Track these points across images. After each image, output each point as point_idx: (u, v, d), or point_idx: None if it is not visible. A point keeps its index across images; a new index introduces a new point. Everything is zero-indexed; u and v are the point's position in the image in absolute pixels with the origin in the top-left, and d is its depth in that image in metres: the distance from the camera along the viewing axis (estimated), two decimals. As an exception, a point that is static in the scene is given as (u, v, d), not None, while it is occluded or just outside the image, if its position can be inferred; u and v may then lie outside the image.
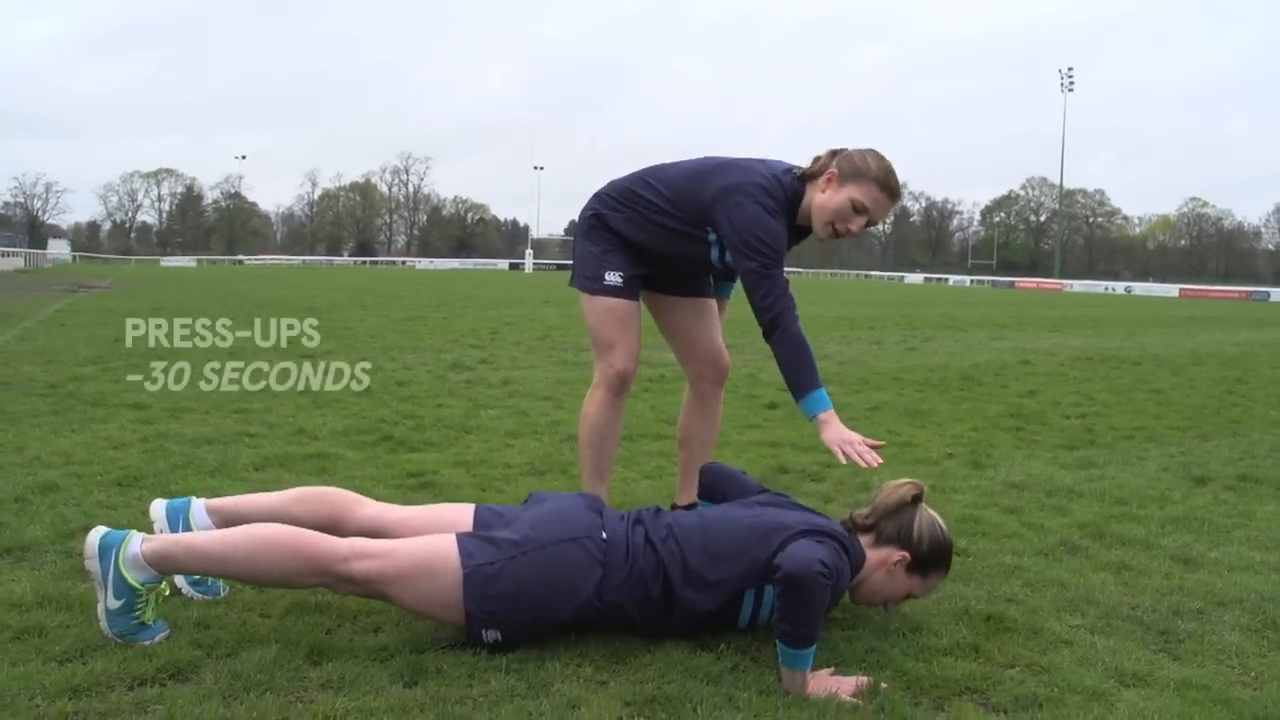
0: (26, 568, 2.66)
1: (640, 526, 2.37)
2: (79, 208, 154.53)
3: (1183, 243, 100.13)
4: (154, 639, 2.18)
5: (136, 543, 2.18)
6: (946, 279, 76.28)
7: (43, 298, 16.96)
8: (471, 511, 2.43)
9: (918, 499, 2.45)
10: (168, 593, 2.32)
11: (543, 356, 8.91)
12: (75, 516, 3.11)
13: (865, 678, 2.12)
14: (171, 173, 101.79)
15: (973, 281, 73.18)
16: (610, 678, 2.13)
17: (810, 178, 2.83)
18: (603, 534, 2.31)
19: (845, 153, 2.81)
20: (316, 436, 4.70)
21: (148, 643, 2.16)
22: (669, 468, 4.04)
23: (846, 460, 2.55)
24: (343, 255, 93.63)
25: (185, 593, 2.46)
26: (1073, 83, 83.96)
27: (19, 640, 2.17)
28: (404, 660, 2.14)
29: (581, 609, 2.25)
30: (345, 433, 4.81)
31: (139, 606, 2.17)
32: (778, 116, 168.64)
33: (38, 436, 4.45)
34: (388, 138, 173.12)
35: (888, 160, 2.79)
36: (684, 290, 3.17)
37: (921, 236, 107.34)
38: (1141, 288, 63.44)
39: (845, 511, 2.61)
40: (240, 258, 78.92)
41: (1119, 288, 65.05)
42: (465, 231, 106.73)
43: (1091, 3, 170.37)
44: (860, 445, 2.55)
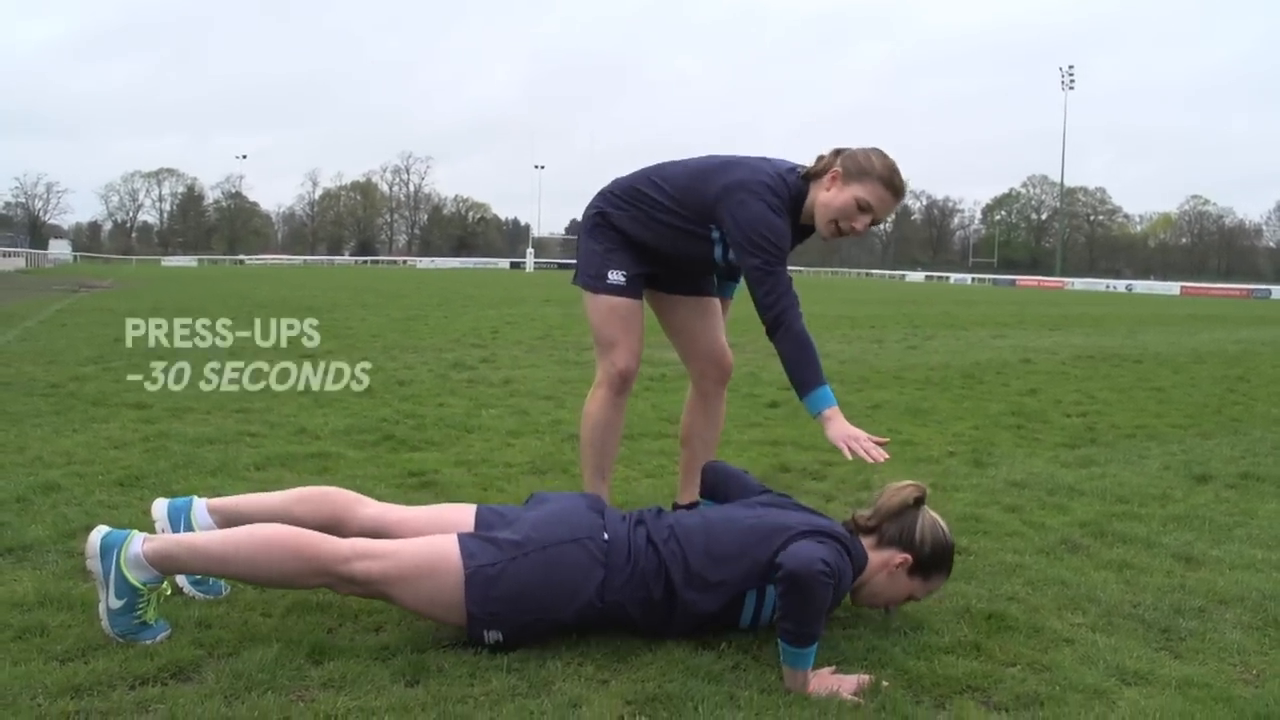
0: (28, 567, 2.67)
1: (642, 527, 2.37)
2: (80, 208, 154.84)
3: (1184, 241, 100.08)
4: (155, 638, 2.18)
5: (138, 542, 2.19)
6: (947, 277, 76.25)
7: (44, 298, 16.97)
8: (473, 512, 2.43)
9: (920, 501, 2.45)
10: (169, 592, 2.32)
11: (544, 356, 8.92)
12: (77, 516, 3.11)
13: (866, 676, 2.12)
14: (172, 172, 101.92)
15: (974, 280, 73.11)
16: (612, 676, 2.13)
17: (814, 176, 2.83)
18: (604, 535, 2.31)
19: (849, 151, 2.81)
20: (318, 436, 4.70)
21: (149, 642, 2.17)
22: (670, 467, 4.04)
23: (852, 456, 2.54)
24: (344, 255, 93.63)
25: (187, 592, 2.47)
26: (1073, 81, 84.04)
27: (21, 639, 2.18)
28: (405, 659, 2.15)
29: (583, 610, 2.25)
30: (346, 432, 4.81)
31: (140, 606, 2.17)
32: (778, 115, 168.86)
33: (39, 436, 4.46)
34: (388, 137, 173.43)
35: (891, 159, 2.78)
36: (688, 289, 3.17)
37: (922, 235, 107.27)
38: (1143, 286, 63.37)
39: (847, 512, 2.60)
40: (241, 257, 78.98)
41: (1120, 286, 64.98)
42: (466, 231, 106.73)
43: (1092, 1, 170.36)
44: (866, 441, 2.55)
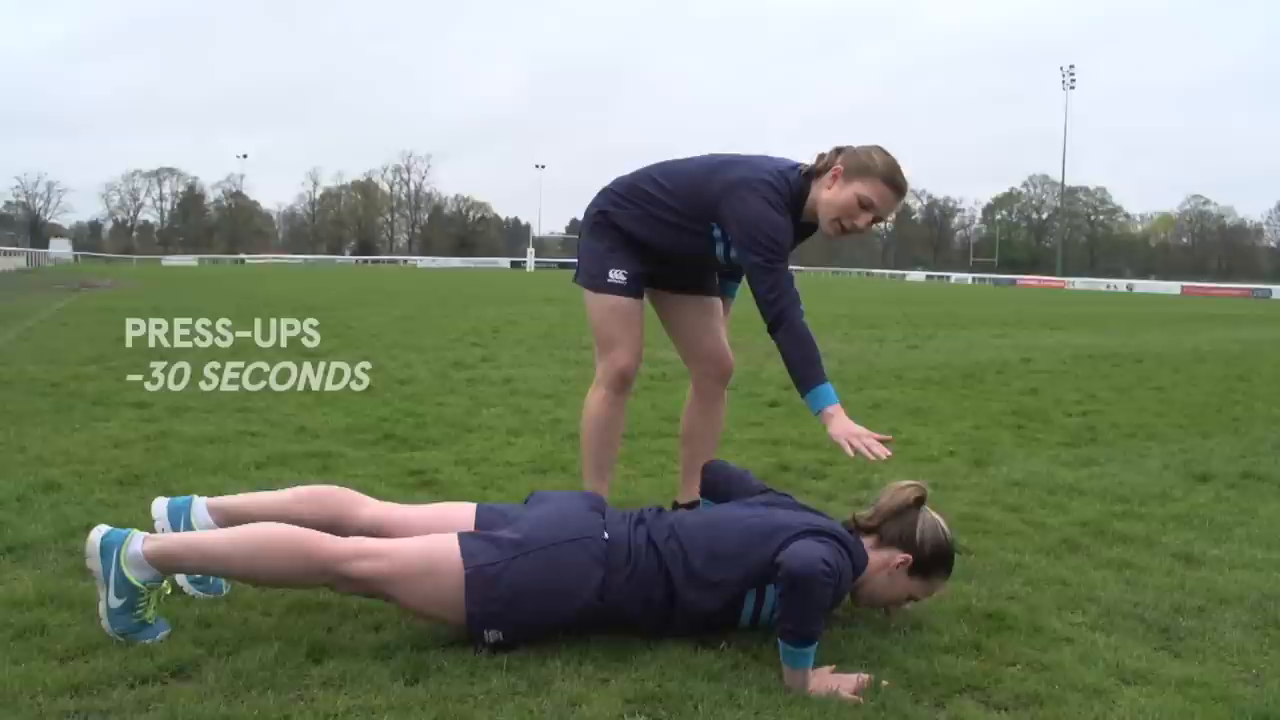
0: (28, 566, 2.67)
1: (642, 526, 2.37)
2: (81, 207, 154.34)
3: (1184, 240, 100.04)
4: (155, 637, 2.18)
5: (138, 542, 2.19)
6: (948, 277, 76.25)
7: (44, 297, 16.98)
8: (473, 511, 2.43)
9: (920, 501, 2.45)
10: (169, 591, 2.32)
11: (544, 355, 8.92)
12: (77, 515, 3.11)
13: (866, 675, 2.12)
14: (173, 172, 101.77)
15: (974, 279, 73.06)
16: (611, 675, 2.13)
17: (816, 174, 2.83)
18: (605, 534, 2.31)
19: (851, 149, 2.81)
20: (318, 435, 4.70)
21: (149, 641, 2.17)
22: (671, 466, 4.04)
23: (854, 454, 2.53)
24: (344, 254, 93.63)
25: (187, 591, 2.46)
26: (1074, 80, 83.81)
27: (21, 639, 2.18)
28: (405, 658, 2.14)
29: (583, 609, 2.25)
30: (347, 431, 4.81)
31: (140, 605, 2.17)
32: (780, 115, 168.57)
33: (39, 435, 4.46)
34: (389, 136, 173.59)
35: (893, 156, 2.78)
36: (690, 289, 3.17)
37: (923, 234, 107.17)
38: (1143, 285, 63.33)
39: (848, 512, 2.60)
40: (242, 257, 78.93)
41: (1121, 285, 64.93)
42: (467, 230, 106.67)
43: (1092, 1, 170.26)
44: (868, 438, 2.54)
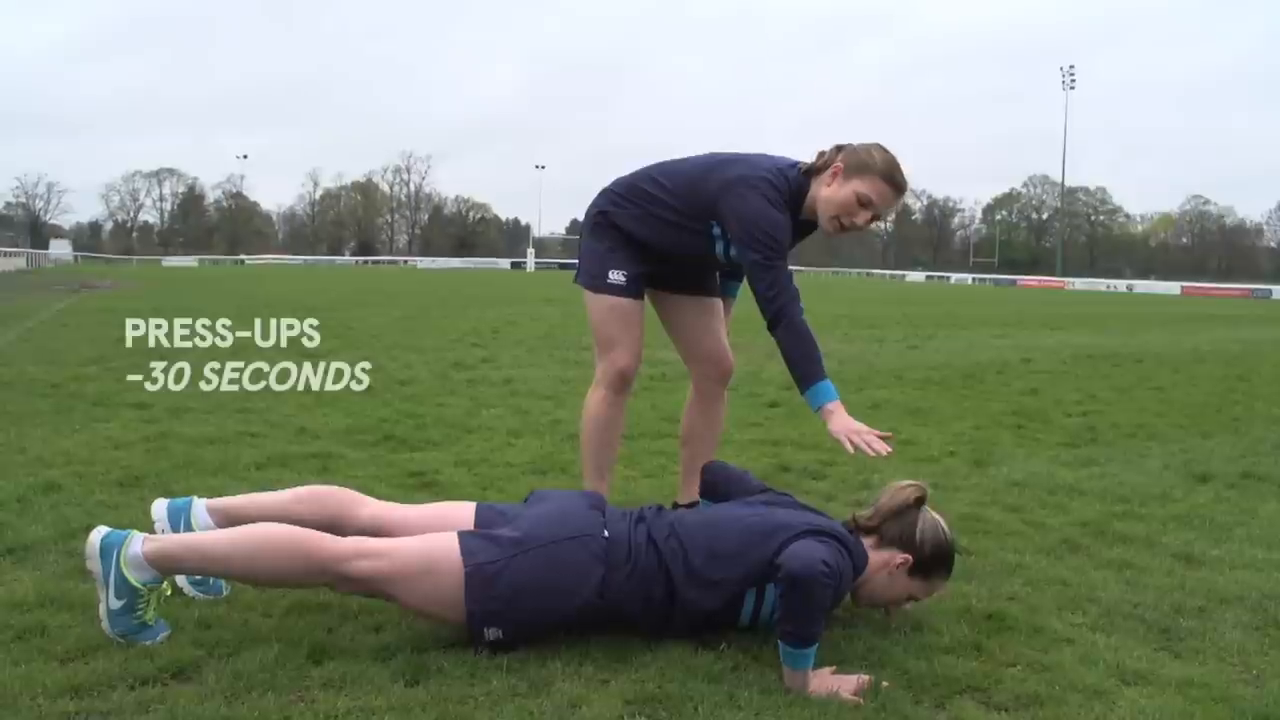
0: (28, 567, 2.67)
1: (643, 525, 2.37)
2: (81, 208, 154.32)
3: (1184, 240, 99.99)
4: (155, 639, 2.18)
5: (138, 543, 2.19)
6: (948, 277, 76.23)
7: (45, 298, 16.97)
8: (473, 510, 2.43)
9: (921, 501, 2.45)
10: (169, 592, 2.32)
11: (544, 355, 8.92)
12: (77, 516, 3.11)
13: (866, 676, 2.12)
14: (173, 172, 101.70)
15: (974, 279, 73.08)
16: (612, 676, 2.13)
17: (815, 172, 2.83)
18: (605, 532, 2.31)
19: (851, 147, 2.81)
20: (318, 436, 4.70)
21: (149, 642, 2.16)
22: (671, 466, 4.04)
23: (854, 450, 2.53)
24: (344, 255, 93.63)
25: (187, 592, 2.46)
26: (1074, 80, 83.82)
27: (21, 640, 2.18)
28: (405, 659, 2.14)
29: (583, 607, 2.25)
30: (347, 432, 4.81)
31: (140, 606, 2.17)
32: (779, 114, 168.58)
33: (40, 436, 4.46)
34: (389, 137, 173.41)
35: (893, 154, 2.78)
36: (690, 289, 3.17)
37: (923, 234, 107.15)
38: (1143, 285, 63.31)
39: (848, 513, 2.60)
40: (242, 257, 78.91)
41: (1121, 285, 64.92)
42: (467, 231, 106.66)
43: (1092, 1, 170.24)
44: (868, 435, 2.54)
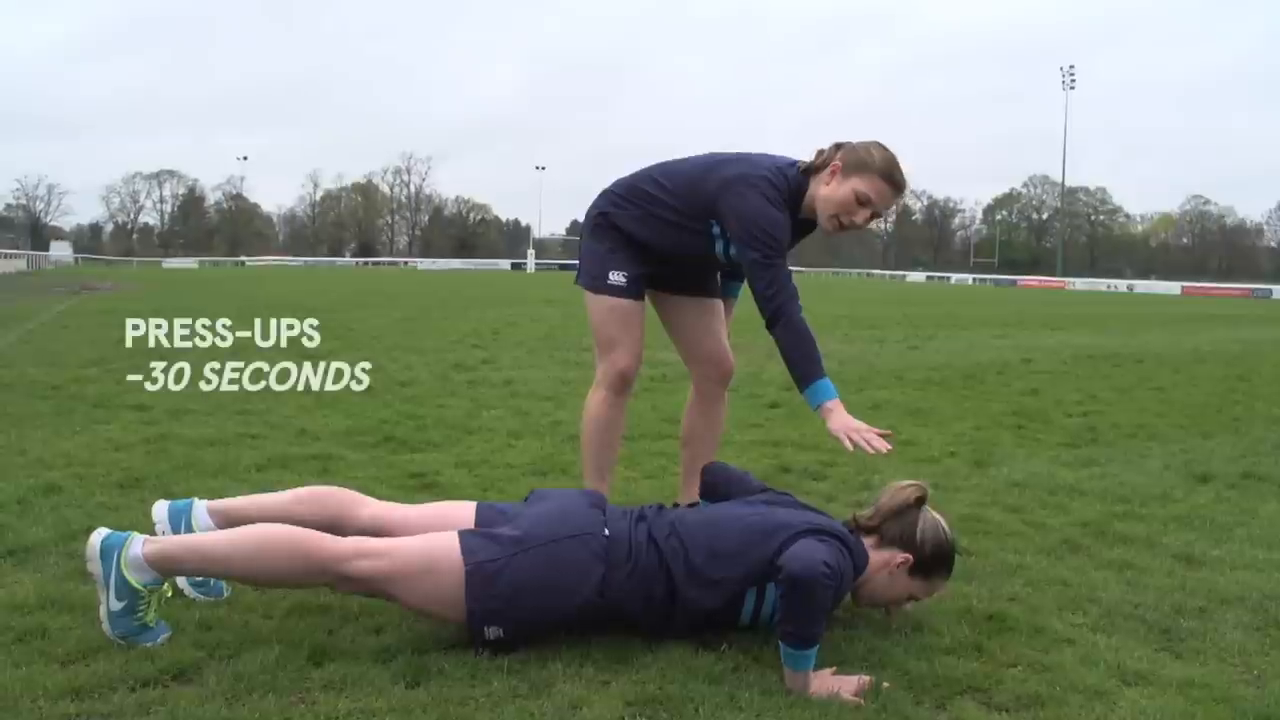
0: (29, 569, 2.67)
1: (643, 524, 2.37)
2: (81, 209, 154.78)
3: (1185, 240, 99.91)
4: (156, 640, 2.18)
5: (138, 544, 2.19)
6: (948, 277, 76.20)
7: (45, 300, 16.98)
8: (473, 509, 2.43)
9: (921, 501, 2.45)
10: (170, 594, 2.32)
11: (545, 356, 8.92)
12: (77, 518, 3.11)
13: (867, 677, 2.12)
14: (173, 174, 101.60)
15: (975, 280, 73.04)
16: (612, 678, 2.13)
17: (814, 171, 2.83)
18: (605, 531, 2.31)
19: (849, 145, 2.81)
20: (318, 437, 4.70)
21: (150, 644, 2.17)
22: (671, 468, 4.04)
23: (854, 448, 2.52)
24: (345, 256, 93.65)
25: (187, 594, 2.46)
26: (1074, 81, 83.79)
27: (21, 642, 2.18)
28: (406, 661, 2.14)
29: (584, 606, 2.25)
30: (347, 433, 4.81)
31: (141, 608, 2.17)
32: (780, 114, 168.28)
33: (40, 438, 4.46)
34: (389, 138, 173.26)
35: (892, 152, 2.78)
36: (691, 290, 3.16)
37: (923, 235, 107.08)
38: (1144, 286, 63.27)
39: (848, 513, 2.60)
40: (242, 259, 78.84)
41: (1121, 286, 64.89)
42: (467, 232, 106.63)
43: (1092, 1, 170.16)
44: (868, 433, 2.53)
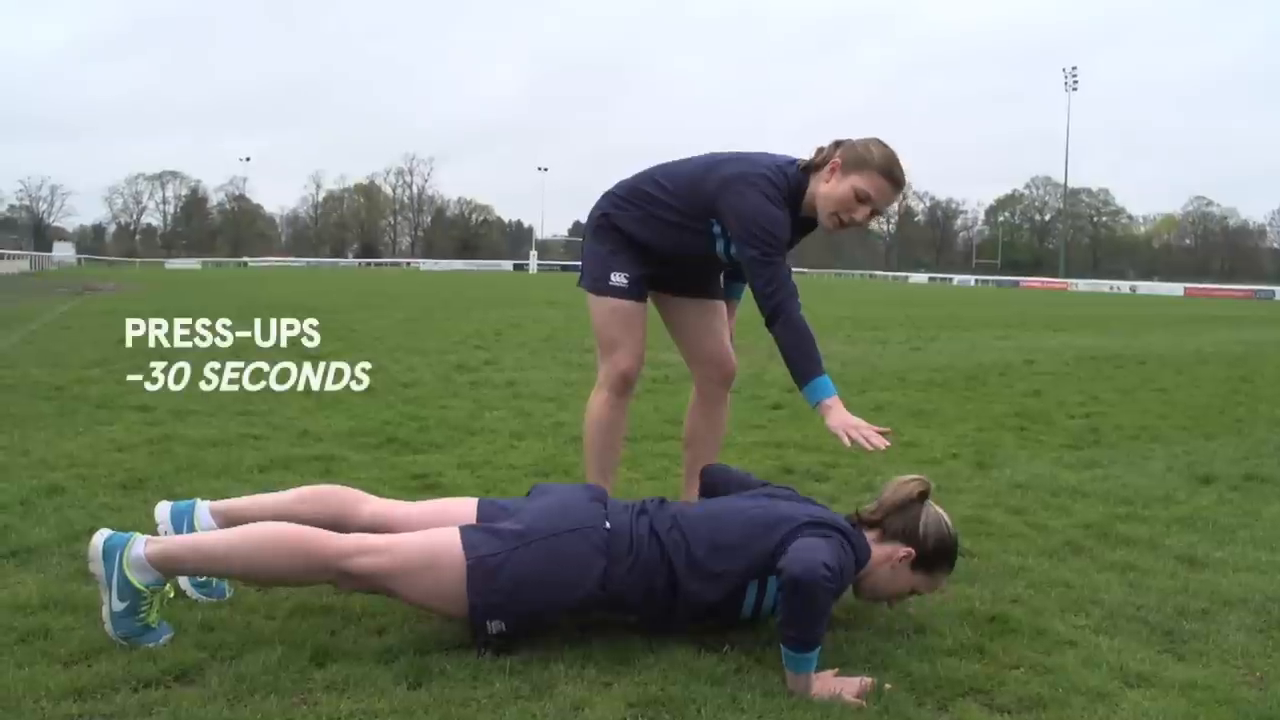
0: (32, 570, 2.67)
1: (645, 517, 2.37)
2: (84, 210, 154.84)
3: (1187, 241, 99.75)
4: (158, 641, 2.18)
5: (140, 545, 2.19)
6: (951, 279, 76.11)
7: (48, 300, 17.00)
8: (474, 505, 2.43)
9: (924, 495, 2.45)
10: (172, 595, 2.32)
11: (547, 358, 8.92)
12: (80, 519, 3.11)
13: (869, 679, 2.12)
14: (176, 175, 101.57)
15: (977, 281, 73.00)
16: (614, 679, 2.13)
17: (814, 169, 2.82)
18: (606, 524, 2.31)
19: (849, 143, 2.80)
20: (321, 438, 4.71)
21: (152, 645, 2.17)
22: (673, 469, 4.04)
23: (851, 445, 2.52)
24: (347, 257, 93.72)
25: (190, 595, 2.47)
26: (1076, 81, 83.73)
27: (24, 642, 2.18)
28: (408, 662, 2.15)
29: (585, 599, 2.25)
30: (349, 434, 4.81)
31: (143, 608, 2.18)
32: (780, 115, 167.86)
33: (43, 439, 4.46)
34: (391, 139, 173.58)
35: (891, 149, 2.77)
36: (693, 292, 3.16)
37: (926, 236, 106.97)
38: (1146, 287, 63.20)
39: (851, 507, 2.60)
40: (245, 260, 78.89)
41: (1124, 287, 64.82)
42: (469, 233, 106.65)
43: (1095, 1, 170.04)
44: (866, 429, 2.52)
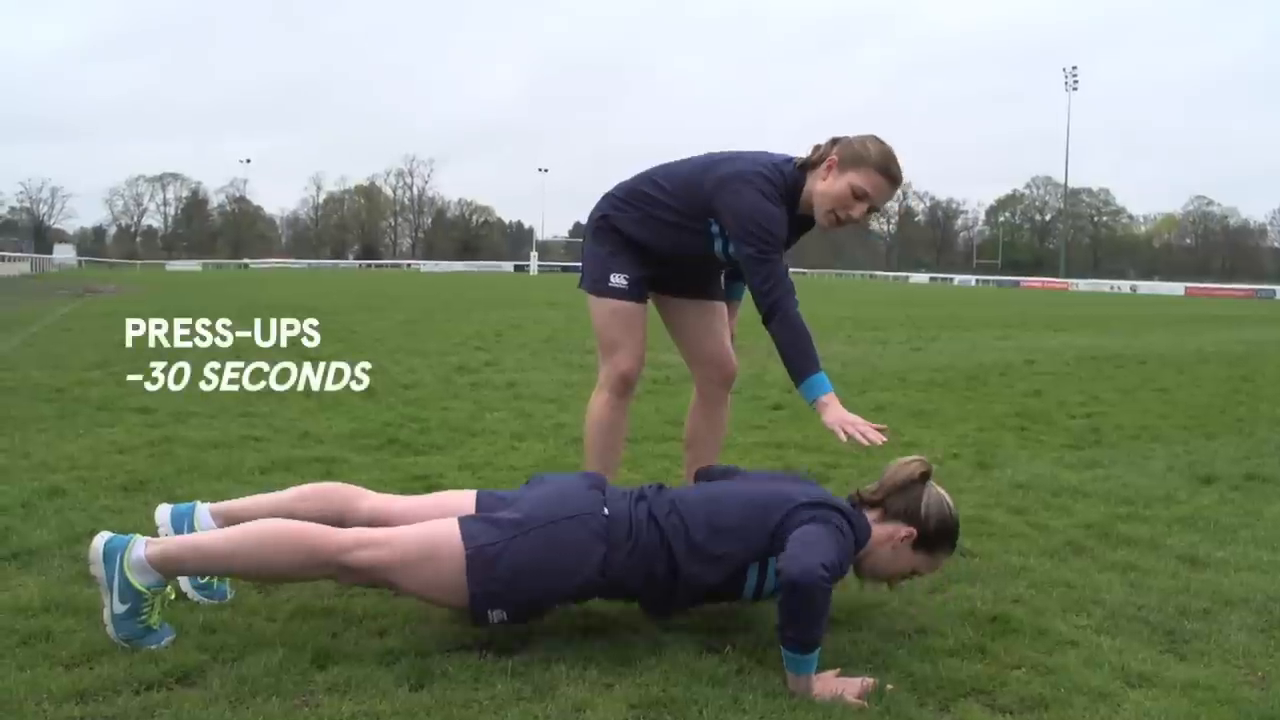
0: (33, 572, 2.67)
1: (643, 503, 2.37)
2: (85, 212, 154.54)
3: (1188, 241, 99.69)
4: (160, 643, 2.18)
5: (140, 547, 2.19)
6: (951, 279, 76.10)
7: (49, 303, 17.00)
8: (473, 497, 2.43)
9: (926, 476, 2.45)
10: (173, 596, 2.33)
11: (548, 359, 8.92)
12: (81, 521, 3.11)
13: (871, 679, 2.12)
14: (176, 177, 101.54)
15: (978, 281, 73.00)
16: (616, 680, 2.13)
17: (811, 166, 2.82)
18: (605, 510, 2.31)
19: (845, 140, 2.80)
20: (322, 440, 4.71)
21: (154, 647, 2.17)
22: (675, 470, 4.04)
23: (848, 439, 2.52)
24: (348, 258, 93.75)
25: (191, 597, 2.47)
26: (1077, 81, 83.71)
27: (26, 645, 2.18)
28: (410, 663, 2.15)
29: (585, 586, 2.25)
30: (350, 436, 4.81)
31: (145, 610, 2.18)
32: (781, 115, 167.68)
33: (44, 441, 4.47)
34: (392, 140, 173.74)
35: (888, 145, 2.77)
36: (693, 293, 3.16)
37: (926, 236, 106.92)
38: (1147, 286, 63.17)
39: (852, 487, 2.59)
40: (246, 261, 78.88)
41: (1124, 287, 64.78)
42: (470, 234, 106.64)
43: (1095, 1, 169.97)
44: (862, 424, 2.53)
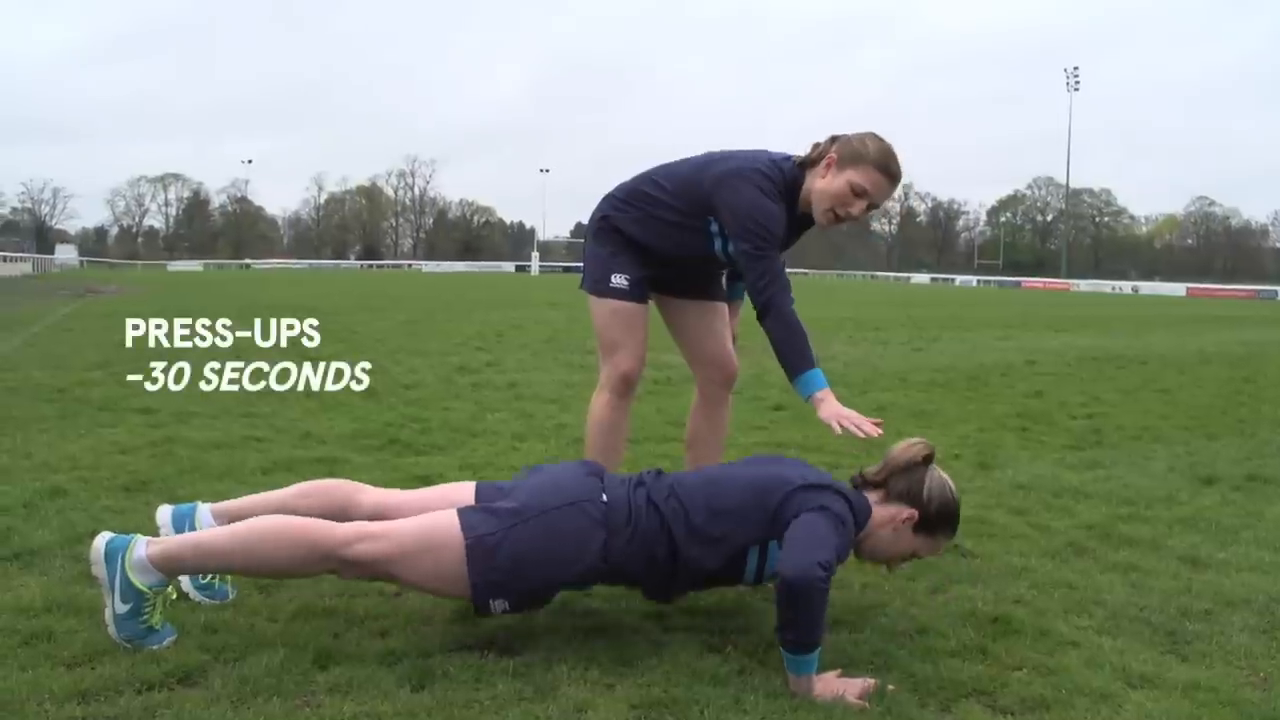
0: (35, 573, 2.67)
1: (642, 488, 2.37)
2: (86, 213, 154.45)
3: (1189, 242, 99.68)
4: (162, 643, 2.19)
5: (142, 546, 2.19)
6: (953, 279, 76.07)
7: (50, 303, 17.01)
8: (473, 489, 2.43)
9: (929, 459, 2.44)
10: (175, 597, 2.33)
11: (549, 359, 8.92)
12: (83, 521, 3.12)
13: (872, 680, 2.12)
14: (178, 177, 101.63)
15: (979, 282, 72.98)
16: (617, 681, 2.13)
17: (810, 164, 2.82)
18: (603, 497, 2.31)
19: (844, 138, 2.79)
20: (323, 440, 4.71)
21: (156, 647, 2.17)
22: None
23: (843, 433, 2.51)
24: (349, 259, 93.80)
25: (192, 597, 2.47)
26: (1078, 82, 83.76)
27: (28, 645, 2.18)
28: (411, 664, 2.15)
29: (585, 572, 2.26)
30: (352, 436, 4.82)
31: (146, 610, 2.18)
32: (781, 116, 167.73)
33: (45, 442, 4.47)
34: (393, 141, 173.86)
35: (887, 143, 2.76)
36: (694, 293, 3.16)
37: (928, 237, 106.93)
38: (1148, 287, 63.12)
39: (855, 469, 2.58)
40: (247, 261, 78.93)
41: (1126, 287, 64.73)
42: (471, 234, 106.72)
43: (1097, 1, 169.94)
44: (858, 418, 2.52)
